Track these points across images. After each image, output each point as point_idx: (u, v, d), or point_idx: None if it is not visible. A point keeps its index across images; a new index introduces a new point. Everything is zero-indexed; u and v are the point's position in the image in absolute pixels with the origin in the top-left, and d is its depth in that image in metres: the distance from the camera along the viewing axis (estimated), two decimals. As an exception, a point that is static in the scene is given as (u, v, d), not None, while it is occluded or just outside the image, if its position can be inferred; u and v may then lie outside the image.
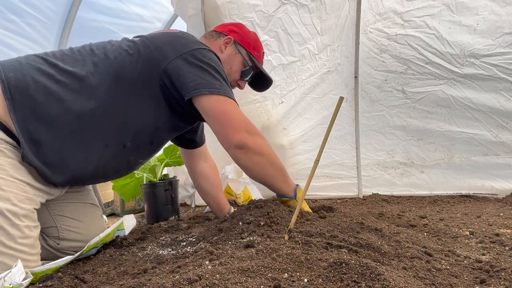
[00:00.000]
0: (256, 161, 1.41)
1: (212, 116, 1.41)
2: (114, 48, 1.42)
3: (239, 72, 1.75)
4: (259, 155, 1.41)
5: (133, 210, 3.03)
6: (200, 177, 1.93)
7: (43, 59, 1.34)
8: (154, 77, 1.41)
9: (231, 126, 1.39)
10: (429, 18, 2.73)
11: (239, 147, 1.39)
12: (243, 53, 1.74)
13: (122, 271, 1.06)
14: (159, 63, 1.40)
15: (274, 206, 1.35)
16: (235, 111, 1.41)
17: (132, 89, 1.39)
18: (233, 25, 1.82)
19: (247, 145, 1.38)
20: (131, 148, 1.44)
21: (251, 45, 1.77)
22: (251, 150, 1.39)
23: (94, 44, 1.47)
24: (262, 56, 1.85)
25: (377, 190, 2.99)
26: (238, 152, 1.39)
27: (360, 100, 2.99)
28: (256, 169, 1.43)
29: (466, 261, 1.09)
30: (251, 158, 1.40)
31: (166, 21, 3.71)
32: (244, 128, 1.40)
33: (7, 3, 2.61)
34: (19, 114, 1.22)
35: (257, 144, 1.41)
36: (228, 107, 1.40)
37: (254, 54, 1.77)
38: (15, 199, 1.15)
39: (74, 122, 1.30)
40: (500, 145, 2.73)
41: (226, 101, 1.40)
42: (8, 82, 1.23)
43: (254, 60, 1.77)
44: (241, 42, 1.75)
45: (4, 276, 0.92)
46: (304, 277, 0.79)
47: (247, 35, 1.79)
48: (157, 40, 1.45)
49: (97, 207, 1.68)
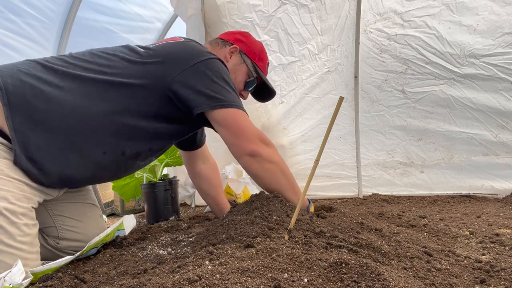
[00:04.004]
0: (268, 168, 1.42)
1: (225, 128, 1.42)
2: (116, 57, 1.41)
3: (243, 83, 1.73)
4: (271, 163, 1.43)
5: (133, 210, 3.03)
6: (199, 178, 1.93)
7: (41, 65, 1.33)
8: (158, 89, 1.39)
9: (245, 136, 1.41)
10: (429, 18, 2.73)
11: (251, 155, 1.41)
12: (248, 64, 1.72)
13: (122, 271, 1.06)
14: (165, 76, 1.39)
15: (274, 205, 1.35)
16: (247, 122, 1.44)
17: (133, 99, 1.38)
18: (239, 33, 1.80)
19: (260, 153, 1.41)
20: (130, 155, 1.44)
21: (256, 56, 1.75)
22: (263, 157, 1.41)
23: (94, 51, 1.45)
24: (266, 67, 1.83)
25: (377, 190, 2.99)
26: (251, 160, 1.42)
27: (360, 100, 2.99)
28: (268, 176, 1.44)
29: (466, 261, 1.09)
30: (263, 165, 1.42)
31: (166, 21, 3.70)
32: (257, 138, 1.43)
33: (7, 3, 2.61)
34: (16, 120, 1.22)
35: (269, 153, 1.43)
36: (240, 118, 1.42)
37: (259, 65, 1.76)
38: (12, 197, 1.15)
39: (72, 129, 1.29)
40: (500, 145, 2.73)
41: (239, 113, 1.42)
42: (5, 88, 1.23)
43: (259, 71, 1.76)
44: (247, 52, 1.73)
45: (4, 276, 0.91)
46: (304, 277, 0.78)
47: (253, 45, 1.77)
48: (163, 52, 1.44)
49: (96, 207, 1.68)
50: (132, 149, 1.43)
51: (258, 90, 1.85)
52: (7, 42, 2.68)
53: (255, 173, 1.46)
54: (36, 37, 2.88)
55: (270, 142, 1.47)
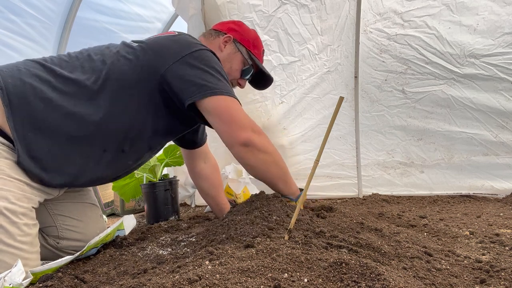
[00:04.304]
0: (261, 158, 1.40)
1: (217, 115, 1.39)
2: (112, 54, 1.41)
3: (239, 71, 1.73)
4: (264, 153, 1.40)
5: (133, 210, 3.03)
6: (199, 178, 1.94)
7: (41, 65, 1.34)
8: (153, 83, 1.40)
9: (237, 124, 1.39)
10: (429, 18, 2.73)
11: (244, 145, 1.38)
12: (243, 52, 1.72)
13: (122, 271, 1.06)
14: (158, 69, 1.39)
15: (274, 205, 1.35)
16: (240, 110, 1.41)
17: (130, 95, 1.38)
18: (232, 23, 1.80)
19: (253, 142, 1.38)
20: (129, 152, 1.44)
21: (251, 43, 1.75)
22: (257, 147, 1.38)
23: (91, 49, 1.46)
24: (262, 54, 1.83)
25: (377, 190, 2.99)
26: (244, 149, 1.39)
27: (360, 100, 2.99)
28: (261, 167, 1.42)
29: (466, 261, 1.09)
30: (256, 155, 1.39)
31: (166, 21, 3.70)
32: (250, 127, 1.40)
33: (7, 3, 2.61)
34: (17, 120, 1.22)
35: (263, 142, 1.40)
36: (232, 105, 1.40)
37: (254, 53, 1.75)
38: (13, 197, 1.15)
39: (72, 128, 1.29)
40: (500, 145, 2.73)
41: (231, 100, 1.40)
42: (6, 88, 1.23)
43: (254, 58, 1.75)
44: (241, 40, 1.73)
45: (4, 276, 0.91)
46: (304, 277, 0.78)
47: (247, 33, 1.77)
48: (155, 45, 1.44)
49: (96, 207, 1.68)
50: (131, 146, 1.43)
51: (255, 78, 1.85)
52: (7, 42, 2.68)
53: (248, 163, 1.43)
54: (36, 37, 2.88)
55: (262, 131, 1.45)
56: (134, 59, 1.40)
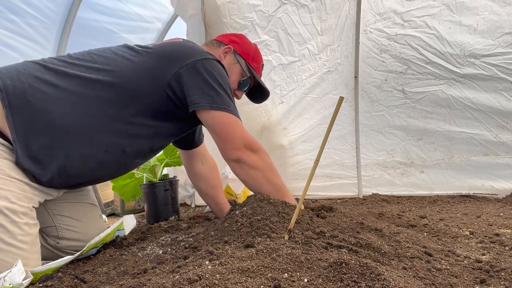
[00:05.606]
0: (251, 175, 1.47)
1: (213, 131, 1.46)
2: (115, 56, 1.42)
3: (237, 82, 1.75)
4: (254, 170, 1.46)
5: (133, 210, 3.03)
6: (197, 178, 1.94)
7: (40, 65, 1.34)
8: (157, 87, 1.41)
9: (230, 142, 1.45)
10: (429, 18, 2.73)
11: (236, 162, 1.46)
12: (242, 64, 1.74)
13: (122, 271, 1.06)
14: (163, 73, 1.41)
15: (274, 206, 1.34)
16: (235, 127, 1.45)
17: (132, 98, 1.39)
18: (234, 35, 1.83)
19: (244, 160, 1.45)
20: (130, 152, 1.45)
21: (250, 56, 1.77)
22: (247, 165, 1.45)
23: (93, 51, 1.46)
24: (261, 68, 1.85)
25: (377, 190, 2.99)
26: (236, 165, 1.47)
27: (360, 100, 2.99)
28: (251, 182, 1.49)
29: (466, 261, 1.09)
30: (247, 171, 1.46)
31: (166, 21, 3.70)
32: (243, 144, 1.45)
33: (7, 3, 2.61)
34: (17, 121, 1.23)
35: (254, 160, 1.46)
36: (228, 122, 1.44)
37: (253, 65, 1.78)
38: (13, 197, 1.15)
39: (73, 128, 1.30)
40: (500, 145, 2.73)
41: (227, 117, 1.44)
42: (6, 89, 1.24)
43: (253, 71, 1.77)
44: (241, 52, 1.75)
45: (4, 276, 0.91)
46: (304, 277, 0.79)
47: (247, 46, 1.79)
48: (162, 50, 1.46)
49: (96, 207, 1.68)
50: (132, 147, 1.44)
51: (253, 91, 1.87)
52: (7, 42, 2.68)
53: (240, 178, 1.52)
54: (36, 37, 2.88)
55: (258, 149, 1.49)
56: (139, 62, 1.41)
